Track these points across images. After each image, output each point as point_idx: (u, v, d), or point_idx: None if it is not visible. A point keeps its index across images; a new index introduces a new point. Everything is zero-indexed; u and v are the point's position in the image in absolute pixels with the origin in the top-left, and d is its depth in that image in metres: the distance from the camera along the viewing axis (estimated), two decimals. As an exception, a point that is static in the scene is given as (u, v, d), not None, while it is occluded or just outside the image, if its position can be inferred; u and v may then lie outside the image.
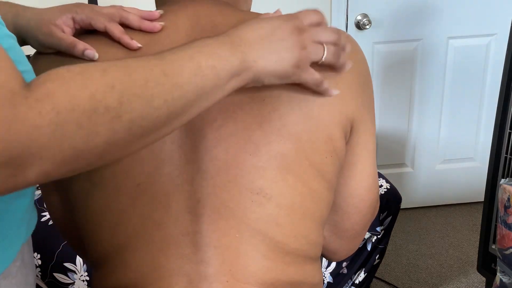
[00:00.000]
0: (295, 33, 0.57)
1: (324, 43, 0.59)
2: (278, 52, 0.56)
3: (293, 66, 0.57)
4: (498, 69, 2.25)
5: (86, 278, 1.46)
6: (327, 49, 0.59)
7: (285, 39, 0.57)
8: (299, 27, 0.58)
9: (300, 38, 0.57)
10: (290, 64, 0.57)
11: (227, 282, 0.60)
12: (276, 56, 0.56)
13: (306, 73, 0.59)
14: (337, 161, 0.66)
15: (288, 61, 0.57)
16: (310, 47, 0.58)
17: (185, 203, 0.61)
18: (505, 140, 1.56)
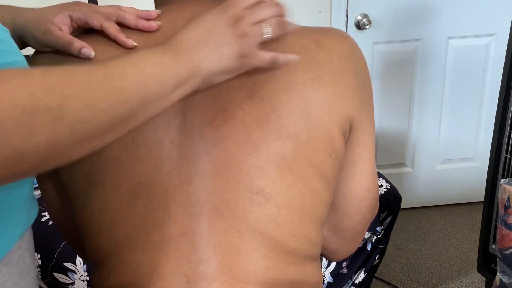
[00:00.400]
0: (231, 25, 0.57)
1: (265, 21, 0.59)
2: (219, 49, 0.56)
3: (238, 58, 0.57)
4: (498, 69, 2.25)
5: (86, 278, 1.46)
6: (269, 25, 0.59)
7: (223, 34, 0.56)
8: (235, 16, 0.57)
9: (238, 27, 0.57)
10: (234, 57, 0.57)
11: (226, 282, 0.60)
12: (218, 55, 0.56)
13: (255, 58, 0.59)
14: (337, 160, 0.66)
15: (230, 56, 0.57)
16: (250, 32, 0.57)
17: (184, 203, 0.61)
18: (505, 140, 1.56)
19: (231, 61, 0.57)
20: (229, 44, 0.56)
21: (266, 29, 0.58)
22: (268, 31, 0.58)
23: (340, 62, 0.66)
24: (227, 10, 0.58)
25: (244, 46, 0.57)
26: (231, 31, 0.57)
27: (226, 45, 0.56)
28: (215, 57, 0.56)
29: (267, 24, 0.58)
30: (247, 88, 0.62)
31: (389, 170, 2.52)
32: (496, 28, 2.31)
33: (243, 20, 0.57)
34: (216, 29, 0.57)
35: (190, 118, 0.62)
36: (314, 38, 0.66)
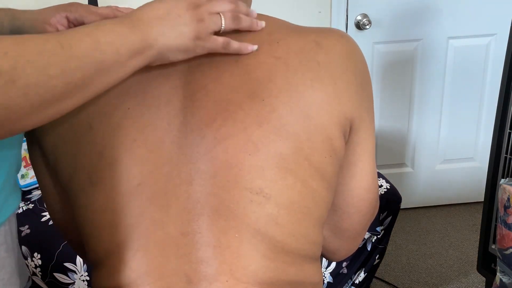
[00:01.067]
0: (191, 9, 0.60)
1: (221, 13, 0.63)
2: (177, 27, 0.59)
3: (193, 39, 0.60)
4: (498, 69, 2.25)
5: (86, 278, 1.46)
6: (224, 17, 0.63)
7: (182, 15, 0.60)
8: (195, 3, 0.61)
9: (196, 12, 0.61)
10: (190, 37, 0.60)
11: (226, 282, 0.60)
12: (176, 32, 0.59)
13: (209, 42, 0.62)
14: (336, 161, 0.66)
15: (187, 35, 0.60)
16: (207, 18, 0.61)
17: (184, 203, 0.61)
18: (505, 140, 1.56)
19: (187, 41, 0.60)
20: (187, 25, 0.60)
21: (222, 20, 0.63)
22: (223, 22, 0.63)
23: (340, 62, 0.66)
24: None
25: (200, 30, 0.60)
26: (190, 14, 0.60)
27: (184, 25, 0.60)
28: (172, 33, 0.59)
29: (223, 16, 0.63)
30: (247, 89, 0.62)
31: (389, 170, 2.52)
32: (496, 28, 2.31)
33: (201, 7, 0.61)
34: (175, 10, 0.60)
35: (190, 119, 0.62)
36: (313, 38, 0.66)
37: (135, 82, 0.63)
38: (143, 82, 0.63)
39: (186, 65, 0.64)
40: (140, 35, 0.57)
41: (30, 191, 1.73)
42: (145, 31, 0.57)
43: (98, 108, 0.63)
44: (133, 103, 0.62)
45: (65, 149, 0.65)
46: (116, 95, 0.63)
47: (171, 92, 0.63)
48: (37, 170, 0.73)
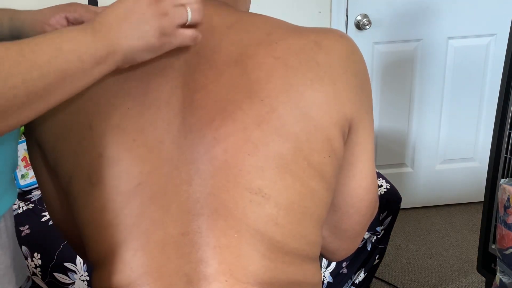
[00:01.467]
0: (153, 3, 0.57)
1: (187, 4, 0.59)
2: (139, 27, 0.57)
3: (158, 36, 0.58)
4: (498, 69, 2.25)
5: (86, 278, 1.46)
6: (190, 9, 0.59)
7: (144, 12, 0.57)
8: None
9: (159, 6, 0.58)
10: (155, 35, 0.58)
11: (226, 282, 0.60)
12: (138, 32, 0.57)
13: (176, 37, 0.59)
14: (336, 161, 0.66)
15: (152, 33, 0.57)
16: (171, 11, 0.58)
17: (184, 203, 0.61)
18: (505, 140, 1.56)
19: (152, 39, 0.58)
20: (150, 22, 0.57)
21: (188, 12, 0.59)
22: (189, 15, 0.59)
23: (339, 63, 0.66)
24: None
25: (165, 25, 0.58)
26: (152, 10, 0.57)
27: (147, 23, 0.57)
28: (136, 34, 0.57)
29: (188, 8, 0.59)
30: (247, 89, 0.62)
31: (389, 170, 2.52)
32: (496, 28, 2.31)
33: (165, 1, 0.58)
34: (136, 7, 0.57)
35: (190, 119, 0.62)
36: (313, 38, 0.66)
37: (135, 83, 0.63)
38: (143, 83, 0.63)
39: (185, 65, 0.64)
40: (102, 41, 0.55)
41: (30, 191, 1.73)
42: (107, 36, 0.56)
43: (98, 108, 0.63)
44: (133, 104, 0.62)
45: (65, 149, 0.65)
46: (116, 95, 0.63)
47: (171, 92, 0.63)
48: (36, 170, 0.74)
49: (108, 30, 0.56)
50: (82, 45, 0.54)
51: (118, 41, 0.56)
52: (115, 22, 0.56)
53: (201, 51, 0.65)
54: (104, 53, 0.55)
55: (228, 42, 0.65)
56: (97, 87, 0.63)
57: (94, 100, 0.63)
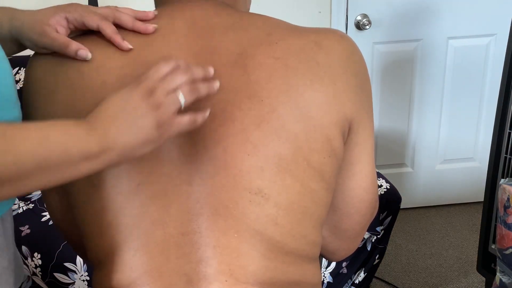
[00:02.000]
0: (146, 97, 0.56)
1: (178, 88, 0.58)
2: (135, 123, 0.55)
3: (155, 129, 0.56)
4: (498, 69, 2.25)
5: (86, 278, 1.46)
6: (181, 93, 0.58)
7: (138, 107, 0.56)
8: (148, 89, 0.57)
9: (152, 99, 0.56)
10: (153, 129, 0.56)
11: (226, 282, 0.60)
12: (135, 128, 0.55)
13: (174, 126, 0.58)
14: (336, 161, 0.66)
15: (149, 127, 0.56)
16: (164, 102, 0.57)
17: (184, 203, 0.61)
18: (505, 140, 1.56)
19: (149, 133, 0.56)
20: (145, 116, 0.56)
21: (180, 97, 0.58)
22: (182, 99, 0.58)
23: (339, 63, 0.66)
24: (140, 84, 0.57)
25: (161, 116, 0.56)
26: (146, 103, 0.56)
27: (142, 117, 0.56)
28: (132, 131, 0.55)
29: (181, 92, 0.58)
30: (247, 89, 0.62)
31: (389, 170, 2.51)
32: (496, 28, 2.31)
33: (156, 91, 0.57)
34: (130, 103, 0.56)
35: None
36: (313, 38, 0.66)
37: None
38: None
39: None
40: (97, 138, 0.54)
41: (30, 191, 1.73)
42: (102, 133, 0.54)
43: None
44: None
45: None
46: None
47: (171, 92, 0.63)
48: (37, 170, 0.73)
49: (104, 127, 0.55)
50: (72, 138, 0.53)
51: (114, 139, 0.55)
52: (111, 119, 0.55)
53: (200, 51, 0.65)
54: (97, 150, 0.54)
55: (228, 43, 0.65)
56: (97, 88, 0.63)
57: (93, 101, 0.63)
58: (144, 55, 0.64)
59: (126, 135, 0.55)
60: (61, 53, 0.65)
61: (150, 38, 0.65)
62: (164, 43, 0.65)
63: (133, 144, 0.56)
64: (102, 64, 0.64)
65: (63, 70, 0.66)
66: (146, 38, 0.65)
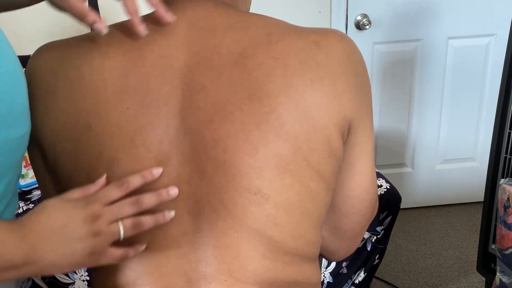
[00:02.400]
0: (88, 222, 0.56)
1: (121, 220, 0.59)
2: (70, 244, 0.55)
3: (87, 256, 0.56)
4: (498, 69, 2.25)
5: (86, 278, 1.46)
6: (123, 226, 0.58)
7: (78, 229, 0.55)
8: (94, 214, 0.57)
9: (94, 225, 0.56)
10: (84, 255, 0.56)
11: (225, 282, 0.60)
12: (68, 249, 0.55)
13: (105, 256, 0.58)
14: (335, 161, 0.66)
15: (81, 252, 0.56)
16: (105, 231, 0.57)
17: (183, 203, 0.61)
18: (505, 140, 1.56)
19: (80, 257, 0.56)
20: (81, 241, 0.56)
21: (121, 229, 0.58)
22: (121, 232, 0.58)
23: (339, 63, 0.66)
24: (88, 206, 0.57)
25: (97, 244, 0.56)
26: (86, 228, 0.56)
27: (79, 241, 0.55)
28: (64, 251, 0.55)
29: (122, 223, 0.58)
30: (246, 89, 0.62)
31: (389, 170, 2.51)
32: (496, 28, 2.31)
33: (100, 219, 0.57)
34: (71, 223, 0.56)
35: (189, 119, 0.62)
36: (313, 39, 0.66)
37: (134, 83, 0.63)
38: (142, 83, 0.63)
39: (185, 65, 0.64)
40: (25, 249, 0.52)
41: (30, 191, 1.73)
42: (32, 246, 0.53)
43: (97, 107, 0.63)
44: (132, 103, 0.62)
45: (64, 149, 0.65)
46: (115, 94, 0.63)
47: (170, 92, 0.63)
48: (36, 170, 0.74)
49: (37, 239, 0.54)
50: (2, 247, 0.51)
51: (42, 254, 0.54)
52: (47, 232, 0.54)
53: (200, 51, 0.65)
54: (20, 262, 0.52)
55: (227, 42, 0.65)
56: (97, 88, 0.63)
57: (93, 100, 0.63)
58: (145, 54, 0.64)
59: (56, 254, 0.55)
60: (62, 50, 0.65)
61: (151, 37, 0.65)
62: (164, 42, 0.65)
63: (60, 264, 0.55)
64: (102, 64, 0.64)
65: (62, 69, 0.66)
66: (147, 37, 0.65)
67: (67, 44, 0.68)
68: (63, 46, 0.68)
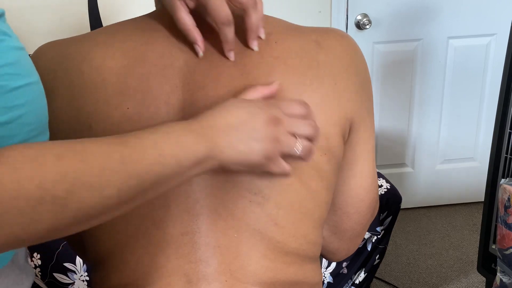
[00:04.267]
0: (270, 124, 0.55)
1: (299, 137, 0.57)
2: (248, 142, 0.54)
3: (262, 158, 0.55)
4: (498, 69, 2.25)
5: (86, 278, 1.46)
6: (301, 144, 0.57)
7: (257, 129, 0.54)
8: (276, 118, 0.55)
9: (274, 129, 0.55)
10: (260, 155, 0.55)
11: (226, 282, 0.60)
12: (245, 147, 0.54)
13: (275, 165, 0.57)
14: (336, 161, 0.66)
15: (257, 153, 0.54)
16: (283, 139, 0.55)
17: (184, 203, 0.61)
18: (505, 140, 1.56)
19: (255, 157, 0.55)
20: (260, 142, 0.54)
21: (298, 144, 0.56)
22: (299, 148, 0.56)
23: (340, 62, 0.66)
24: (271, 108, 0.56)
25: (273, 149, 0.55)
26: (268, 131, 0.54)
27: (257, 141, 0.54)
28: (241, 148, 0.54)
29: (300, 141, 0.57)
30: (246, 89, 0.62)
31: (389, 170, 2.52)
32: (496, 28, 2.31)
33: (281, 125, 0.55)
34: (253, 121, 0.54)
35: (189, 118, 0.62)
36: (314, 38, 0.66)
37: (135, 82, 0.63)
38: (142, 82, 0.63)
39: (185, 65, 0.64)
40: (205, 145, 0.52)
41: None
42: (212, 142, 0.52)
43: (98, 108, 0.63)
44: (132, 103, 0.62)
45: (64, 149, 0.65)
46: (116, 95, 0.63)
47: (171, 92, 0.63)
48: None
49: (216, 135, 0.53)
50: (183, 149, 0.51)
51: (221, 149, 0.53)
52: (226, 128, 0.53)
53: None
54: (203, 157, 0.52)
55: (228, 42, 0.65)
56: (96, 87, 0.63)
57: (93, 100, 0.63)
58: (145, 54, 0.64)
59: (234, 150, 0.54)
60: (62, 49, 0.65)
61: (153, 37, 0.65)
62: (166, 42, 0.65)
63: (236, 160, 0.54)
64: (102, 64, 0.64)
65: (62, 68, 0.65)
66: (149, 37, 0.65)
67: (67, 44, 0.68)
68: (63, 46, 0.68)
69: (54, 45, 0.69)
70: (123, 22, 0.68)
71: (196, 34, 0.62)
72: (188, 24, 0.62)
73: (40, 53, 0.69)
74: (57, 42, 0.69)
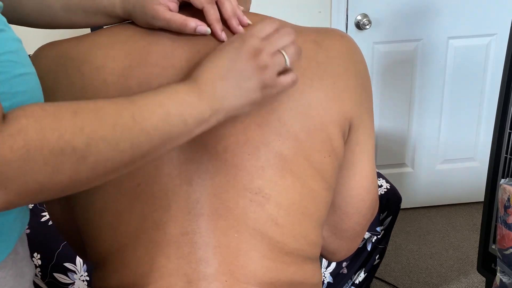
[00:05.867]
0: (252, 58, 0.56)
1: (283, 49, 0.58)
2: (241, 84, 0.56)
3: (260, 90, 0.57)
4: (498, 69, 2.25)
5: (86, 278, 1.46)
6: (287, 54, 0.58)
7: (244, 68, 0.56)
8: (254, 49, 0.57)
9: (258, 59, 0.57)
10: (257, 90, 0.57)
11: (226, 282, 0.60)
12: (240, 90, 0.56)
13: (277, 86, 0.58)
14: (336, 161, 0.66)
15: (253, 88, 0.57)
16: (270, 63, 0.57)
17: (184, 203, 0.61)
18: (505, 140, 1.56)
19: (254, 94, 0.57)
20: (251, 78, 0.56)
21: (286, 57, 0.58)
22: (288, 60, 0.58)
23: (339, 62, 0.66)
24: (246, 43, 0.57)
25: (266, 78, 0.57)
26: (252, 65, 0.56)
27: (248, 80, 0.56)
28: (238, 92, 0.56)
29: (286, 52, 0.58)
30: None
31: (389, 170, 2.51)
32: (496, 28, 2.31)
33: (262, 52, 0.57)
34: (237, 64, 0.56)
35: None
36: (313, 38, 0.66)
37: (136, 82, 0.63)
38: (143, 82, 0.63)
39: (187, 65, 0.64)
40: (207, 102, 0.54)
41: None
42: (211, 97, 0.55)
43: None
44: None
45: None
46: (116, 95, 0.63)
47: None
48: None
49: (211, 90, 0.55)
50: (188, 108, 0.53)
51: (222, 101, 0.55)
52: (217, 81, 0.56)
53: (201, 50, 0.64)
54: (208, 115, 0.55)
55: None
56: (97, 88, 0.63)
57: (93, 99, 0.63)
58: (147, 54, 0.64)
59: (232, 96, 0.56)
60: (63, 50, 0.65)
61: (155, 38, 0.65)
62: (168, 43, 0.65)
63: (238, 106, 0.56)
64: (103, 64, 0.64)
65: (63, 69, 0.65)
66: (150, 38, 0.65)
67: (67, 44, 0.68)
68: (63, 46, 0.68)
69: (54, 46, 0.69)
70: (124, 24, 0.68)
71: (191, 21, 0.63)
72: (179, 20, 0.63)
73: (40, 53, 0.69)
74: (57, 42, 0.69)
